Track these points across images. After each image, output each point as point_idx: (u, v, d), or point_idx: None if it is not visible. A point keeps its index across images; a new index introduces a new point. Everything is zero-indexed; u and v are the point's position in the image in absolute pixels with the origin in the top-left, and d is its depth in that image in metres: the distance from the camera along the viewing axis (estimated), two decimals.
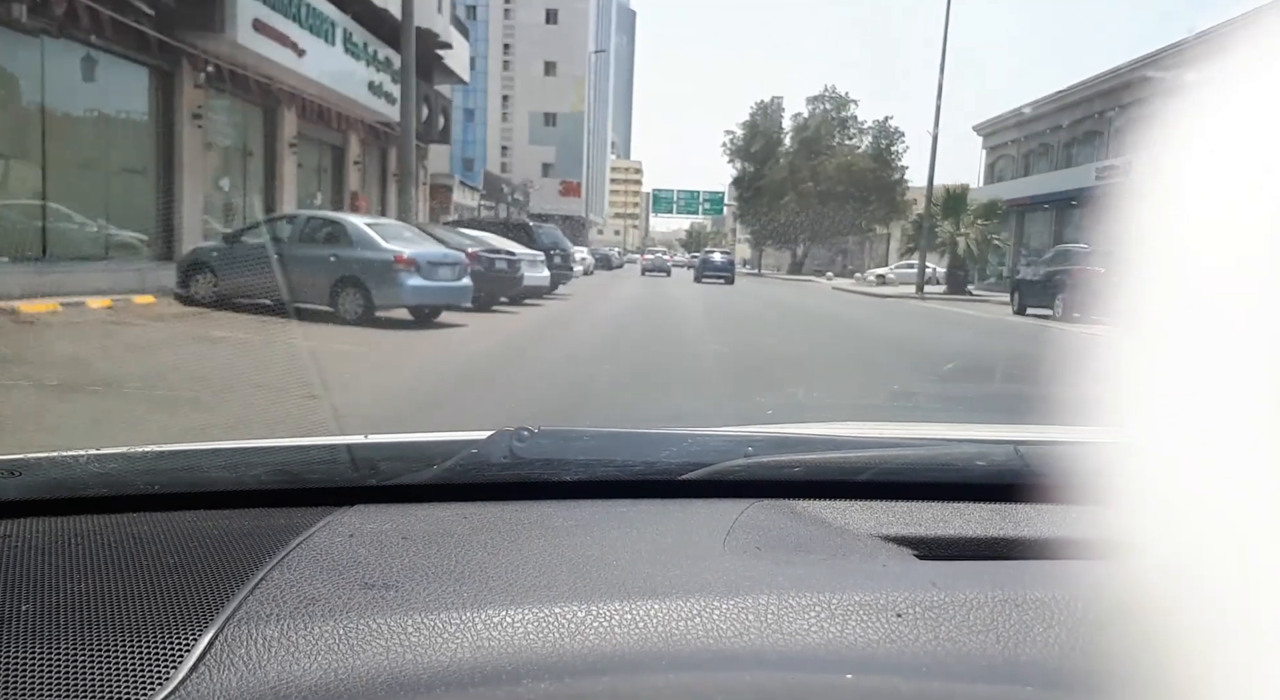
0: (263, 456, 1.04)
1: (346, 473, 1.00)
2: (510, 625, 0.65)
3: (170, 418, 4.43)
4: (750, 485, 0.96)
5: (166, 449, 1.03)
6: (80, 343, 7.52)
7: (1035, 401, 1.34)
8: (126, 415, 4.48)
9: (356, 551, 0.79)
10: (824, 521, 0.89)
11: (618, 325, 13.05)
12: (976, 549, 0.85)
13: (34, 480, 0.94)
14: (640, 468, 0.98)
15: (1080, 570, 0.72)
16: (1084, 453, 0.46)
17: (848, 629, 0.65)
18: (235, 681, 0.60)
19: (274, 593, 0.70)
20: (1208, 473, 0.34)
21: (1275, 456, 0.32)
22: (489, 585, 0.71)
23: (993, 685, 0.60)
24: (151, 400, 4.95)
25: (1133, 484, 0.38)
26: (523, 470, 0.97)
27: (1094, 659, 0.62)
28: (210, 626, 0.65)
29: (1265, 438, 0.32)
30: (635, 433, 1.12)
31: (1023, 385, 6.81)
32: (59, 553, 0.80)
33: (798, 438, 1.11)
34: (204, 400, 5.02)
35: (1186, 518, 0.35)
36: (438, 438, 1.08)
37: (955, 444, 1.11)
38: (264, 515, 0.89)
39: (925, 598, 0.69)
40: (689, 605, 0.67)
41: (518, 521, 0.88)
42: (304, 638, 0.63)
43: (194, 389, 5.34)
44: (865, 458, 1.01)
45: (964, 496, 0.94)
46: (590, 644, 0.64)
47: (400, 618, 0.66)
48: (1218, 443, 0.34)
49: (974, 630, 0.66)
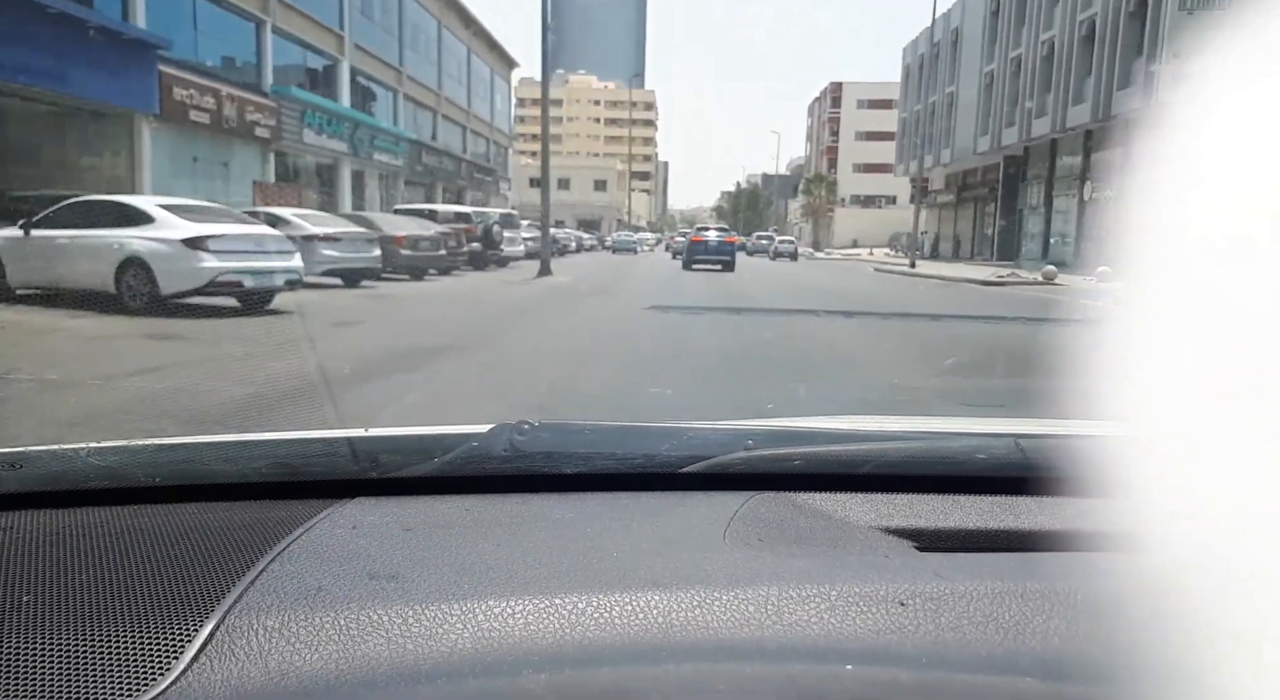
0: (263, 449, 1.04)
1: (347, 466, 1.00)
2: (511, 616, 0.65)
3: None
4: (751, 478, 0.96)
5: (167, 442, 1.03)
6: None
7: (1037, 394, 1.33)
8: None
9: (358, 543, 0.79)
10: (825, 514, 0.89)
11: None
12: (977, 541, 0.85)
13: (34, 473, 0.94)
14: (641, 460, 0.98)
15: (1081, 562, 0.73)
16: (1085, 446, 0.46)
17: (848, 620, 0.66)
18: (236, 671, 0.60)
19: (275, 584, 0.70)
20: (1210, 465, 0.34)
21: (1278, 449, 0.32)
22: (490, 577, 0.72)
23: (993, 676, 0.60)
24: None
25: (1134, 477, 0.38)
26: (523, 463, 0.97)
27: (1095, 650, 0.62)
28: (211, 617, 0.65)
29: (1268, 430, 0.32)
30: (636, 426, 1.12)
31: (1023, 378, 6.57)
32: (60, 545, 0.80)
33: (798, 431, 1.11)
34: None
35: (1188, 510, 0.35)
36: (438, 431, 1.08)
37: (956, 437, 1.11)
38: (265, 508, 0.88)
39: (926, 589, 0.69)
40: (690, 597, 0.68)
41: (518, 514, 0.88)
42: (305, 628, 0.64)
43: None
44: (866, 450, 1.01)
45: (965, 489, 0.95)
46: (591, 635, 0.64)
47: (401, 609, 0.66)
48: (1220, 435, 0.34)
49: (975, 622, 0.66)
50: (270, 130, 23.55)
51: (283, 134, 24.49)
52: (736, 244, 28.48)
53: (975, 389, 6.57)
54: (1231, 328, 0.34)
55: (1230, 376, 0.34)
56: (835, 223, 76.01)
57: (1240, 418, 0.33)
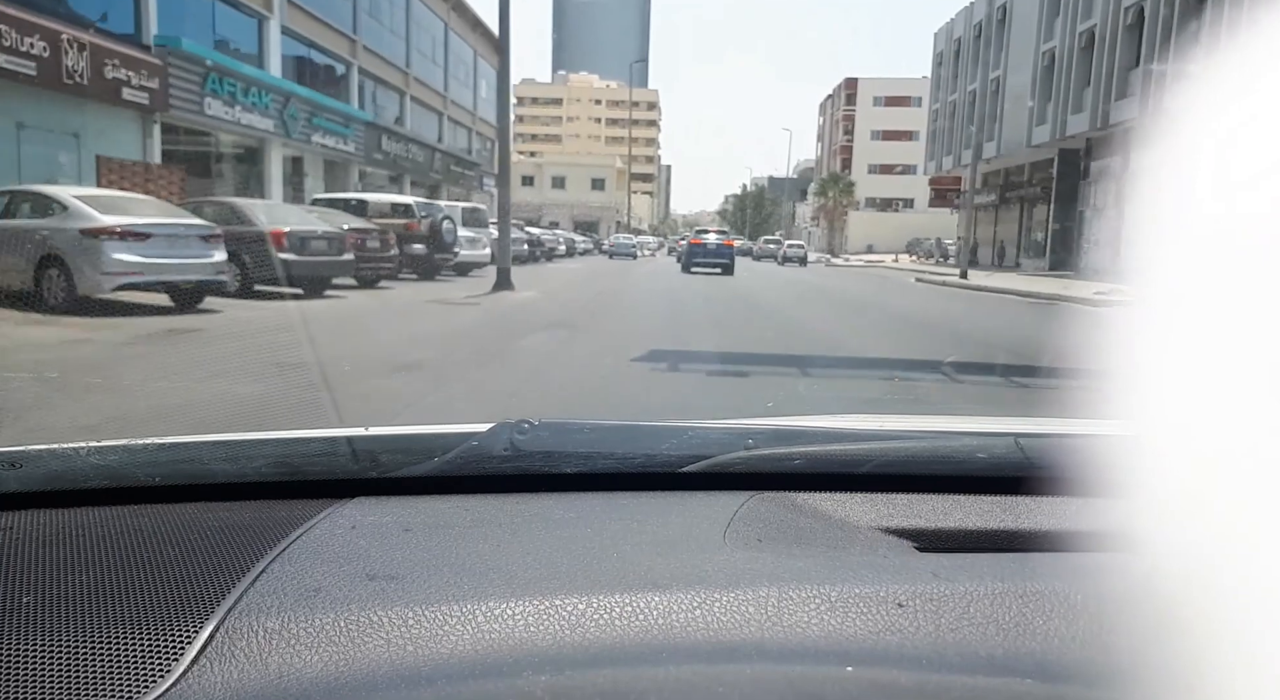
0: (263, 449, 1.04)
1: (347, 465, 1.00)
2: (511, 617, 0.65)
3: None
4: (751, 477, 0.96)
5: (167, 441, 1.02)
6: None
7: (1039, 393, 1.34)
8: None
9: (357, 543, 0.79)
10: (824, 514, 0.90)
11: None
12: (977, 541, 0.86)
13: (34, 473, 0.94)
14: (641, 460, 0.99)
15: (1082, 562, 0.73)
16: (1085, 445, 0.45)
17: (848, 621, 0.66)
18: (236, 673, 0.60)
19: (275, 585, 0.70)
20: (1212, 465, 0.34)
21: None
22: (490, 577, 0.72)
23: (993, 677, 0.61)
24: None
25: (1135, 476, 0.37)
26: (523, 463, 0.97)
27: (1095, 651, 0.63)
28: (211, 618, 0.65)
29: (1270, 431, 0.32)
30: (636, 425, 1.12)
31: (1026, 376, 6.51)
32: (60, 545, 0.80)
33: (798, 430, 1.11)
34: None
35: (1190, 511, 0.35)
36: (438, 430, 1.07)
37: (956, 436, 1.10)
38: (264, 507, 0.89)
39: (926, 590, 0.69)
40: (690, 597, 0.68)
41: (518, 514, 0.88)
42: (305, 629, 0.64)
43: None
44: (866, 450, 1.01)
45: (965, 489, 0.95)
46: (591, 636, 0.64)
47: (401, 610, 0.66)
48: (1222, 435, 0.34)
49: (975, 622, 0.66)
50: (150, 95, 17.68)
51: (170, 101, 18.46)
52: (735, 247, 28.17)
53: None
54: (1235, 328, 0.34)
55: (1233, 377, 0.33)
56: (849, 227, 70.93)
57: (1242, 418, 0.33)
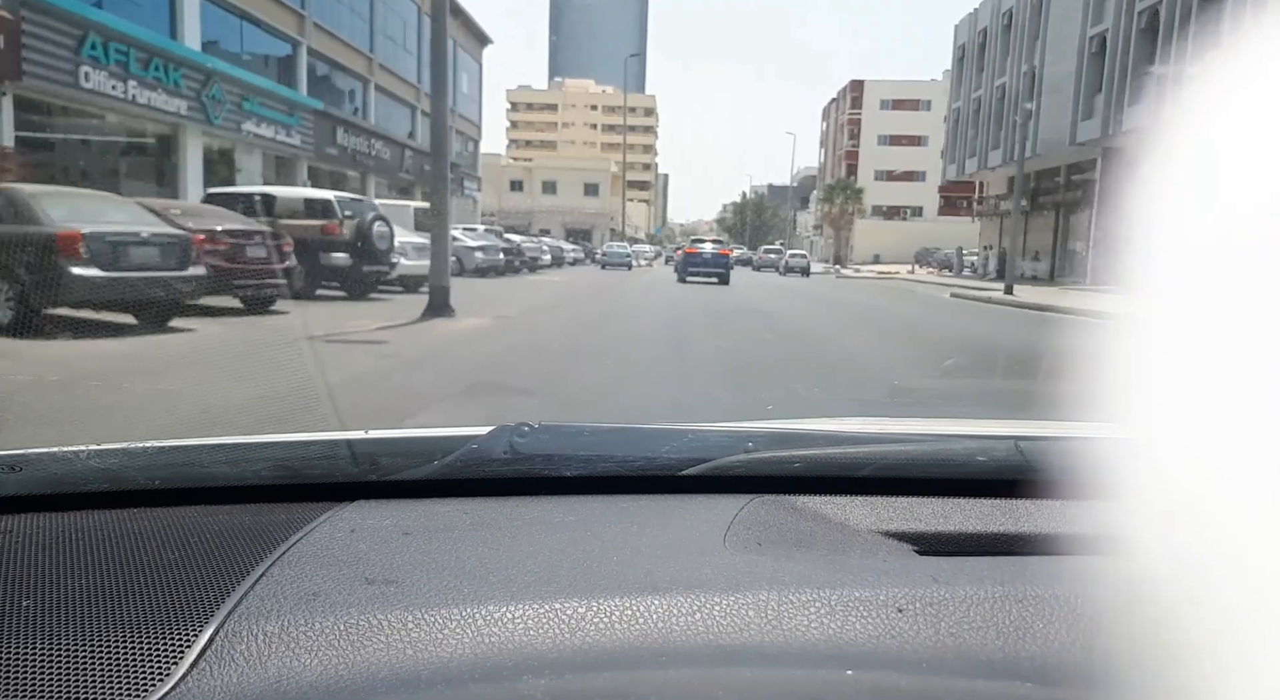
0: (263, 452, 1.04)
1: (347, 468, 1.00)
2: (511, 621, 0.65)
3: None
4: (750, 481, 0.96)
5: (167, 444, 1.02)
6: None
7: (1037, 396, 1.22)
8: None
9: (357, 547, 0.79)
10: (824, 517, 0.90)
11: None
12: (977, 544, 0.86)
13: (34, 476, 0.93)
14: (641, 463, 0.99)
15: (1081, 566, 0.73)
16: (1085, 448, 0.46)
17: (848, 625, 0.66)
18: (236, 677, 0.60)
19: (275, 588, 0.70)
20: (1209, 468, 0.34)
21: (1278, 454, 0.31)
22: (489, 581, 0.72)
23: (993, 681, 0.61)
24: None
25: (1134, 479, 0.37)
26: (523, 466, 0.97)
27: (1094, 655, 0.63)
28: (211, 622, 0.65)
29: (1269, 433, 0.32)
30: (636, 428, 1.12)
31: (1023, 380, 6.74)
32: (59, 548, 0.80)
33: (798, 433, 1.10)
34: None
35: (1189, 514, 0.35)
36: (438, 433, 1.07)
37: (956, 439, 1.10)
38: (265, 511, 0.89)
39: (925, 593, 0.69)
40: (689, 601, 0.68)
41: (518, 517, 0.88)
42: (305, 633, 0.64)
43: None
44: (866, 453, 1.01)
45: (965, 492, 0.95)
46: (590, 640, 0.64)
47: (401, 613, 0.66)
48: (1222, 439, 0.34)
49: (974, 626, 0.66)
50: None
51: (22, 68, 14.39)
52: (734, 257, 27.54)
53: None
54: (1236, 334, 0.34)
55: (1231, 380, 0.33)
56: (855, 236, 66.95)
57: (1242, 422, 0.33)
